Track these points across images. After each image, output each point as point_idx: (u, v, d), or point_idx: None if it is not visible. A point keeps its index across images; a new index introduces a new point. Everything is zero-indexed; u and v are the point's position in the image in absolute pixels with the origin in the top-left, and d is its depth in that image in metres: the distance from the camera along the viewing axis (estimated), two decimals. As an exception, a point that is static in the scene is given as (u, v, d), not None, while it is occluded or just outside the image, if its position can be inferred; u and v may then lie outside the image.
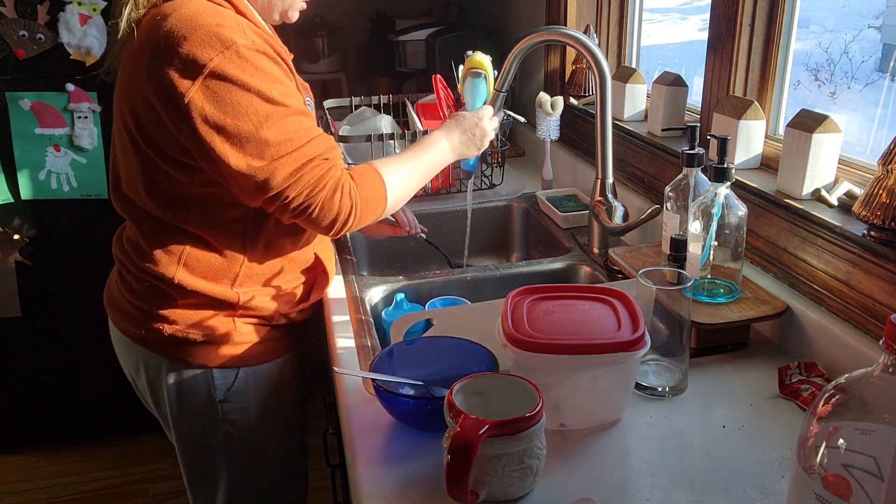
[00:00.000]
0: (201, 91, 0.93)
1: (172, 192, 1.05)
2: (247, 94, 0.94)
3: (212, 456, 1.21)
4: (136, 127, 1.02)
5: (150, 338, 1.13)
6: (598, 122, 1.30)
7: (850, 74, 1.28)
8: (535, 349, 0.83)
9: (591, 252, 1.41)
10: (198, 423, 1.18)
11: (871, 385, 0.57)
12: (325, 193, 1.00)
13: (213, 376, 1.14)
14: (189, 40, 0.93)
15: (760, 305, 1.05)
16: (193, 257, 1.08)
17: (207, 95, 0.93)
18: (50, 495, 2.21)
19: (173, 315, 1.10)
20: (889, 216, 0.92)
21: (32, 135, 2.04)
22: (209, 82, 0.93)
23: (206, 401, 1.16)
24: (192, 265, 1.08)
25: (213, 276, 1.10)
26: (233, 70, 0.93)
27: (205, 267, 1.09)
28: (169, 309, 1.10)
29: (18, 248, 2.15)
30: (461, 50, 2.38)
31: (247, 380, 1.16)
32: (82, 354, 2.31)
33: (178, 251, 1.08)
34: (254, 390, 1.18)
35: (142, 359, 1.17)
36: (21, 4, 1.94)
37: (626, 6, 1.80)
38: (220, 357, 1.13)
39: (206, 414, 1.17)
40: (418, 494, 0.78)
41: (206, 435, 1.19)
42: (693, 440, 0.86)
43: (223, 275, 1.10)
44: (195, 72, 0.93)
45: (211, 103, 0.93)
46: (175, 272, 1.08)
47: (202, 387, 1.15)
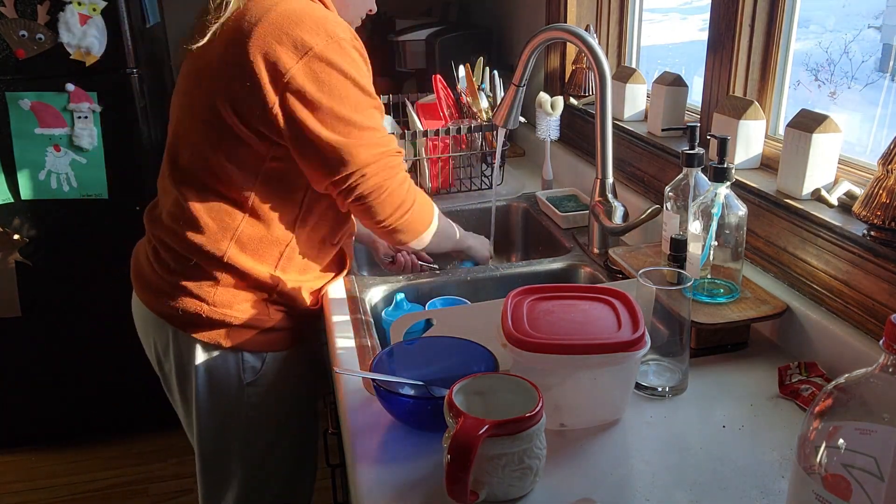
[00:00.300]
0: (303, 69, 1.02)
1: (244, 164, 1.09)
2: (344, 80, 1.04)
3: (232, 440, 1.23)
4: (229, 102, 1.05)
5: (187, 318, 1.14)
6: (598, 122, 1.30)
7: (850, 74, 1.28)
8: (535, 349, 0.83)
9: (591, 252, 1.41)
10: (222, 406, 1.20)
11: (871, 385, 0.57)
12: (398, 180, 1.11)
13: (243, 359, 1.18)
14: (299, 26, 1.02)
15: (760, 305, 1.05)
16: (246, 234, 1.12)
17: (308, 74, 1.02)
18: (50, 495, 2.21)
19: (213, 295, 1.13)
20: (889, 216, 0.92)
21: (32, 135, 2.05)
22: (312, 63, 1.02)
23: (235, 383, 1.19)
24: (244, 242, 1.12)
25: (260, 255, 1.14)
26: (334, 57, 1.03)
27: (255, 245, 1.13)
28: (209, 289, 1.13)
29: (18, 248, 2.15)
30: (461, 50, 2.39)
31: (273, 364, 1.20)
32: (82, 354, 2.31)
33: (232, 227, 1.12)
34: (276, 375, 1.21)
35: (173, 338, 1.18)
36: (21, 4, 1.94)
37: (626, 6, 1.80)
38: (252, 341, 1.17)
39: (233, 396, 1.19)
40: (418, 494, 0.78)
41: (228, 418, 1.21)
42: (693, 440, 0.86)
43: (268, 256, 1.14)
44: (301, 52, 1.01)
45: (311, 82, 1.02)
46: (226, 248, 1.12)
47: (232, 369, 1.18)
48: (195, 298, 1.14)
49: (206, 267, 1.13)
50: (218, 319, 1.14)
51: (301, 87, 1.02)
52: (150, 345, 1.25)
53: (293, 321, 1.22)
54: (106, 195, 2.14)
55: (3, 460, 2.36)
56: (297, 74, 1.01)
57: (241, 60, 1.03)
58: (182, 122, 1.14)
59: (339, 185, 1.08)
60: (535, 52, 1.32)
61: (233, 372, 1.18)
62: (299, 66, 1.01)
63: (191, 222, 1.12)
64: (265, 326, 1.18)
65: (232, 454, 1.24)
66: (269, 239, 1.14)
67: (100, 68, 2.03)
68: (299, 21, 1.02)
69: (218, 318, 1.14)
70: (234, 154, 1.09)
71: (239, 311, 1.15)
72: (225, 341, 1.16)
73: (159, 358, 1.25)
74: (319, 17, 1.04)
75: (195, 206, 1.12)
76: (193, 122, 1.12)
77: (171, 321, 1.17)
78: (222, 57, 1.05)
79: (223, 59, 1.05)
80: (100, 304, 2.26)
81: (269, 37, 1.02)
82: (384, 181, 1.09)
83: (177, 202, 1.14)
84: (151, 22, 2.32)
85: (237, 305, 1.15)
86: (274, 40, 1.01)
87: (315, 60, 1.02)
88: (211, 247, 1.12)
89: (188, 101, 1.13)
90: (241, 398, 1.20)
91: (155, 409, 2.39)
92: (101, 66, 2.03)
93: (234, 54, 1.04)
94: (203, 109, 1.09)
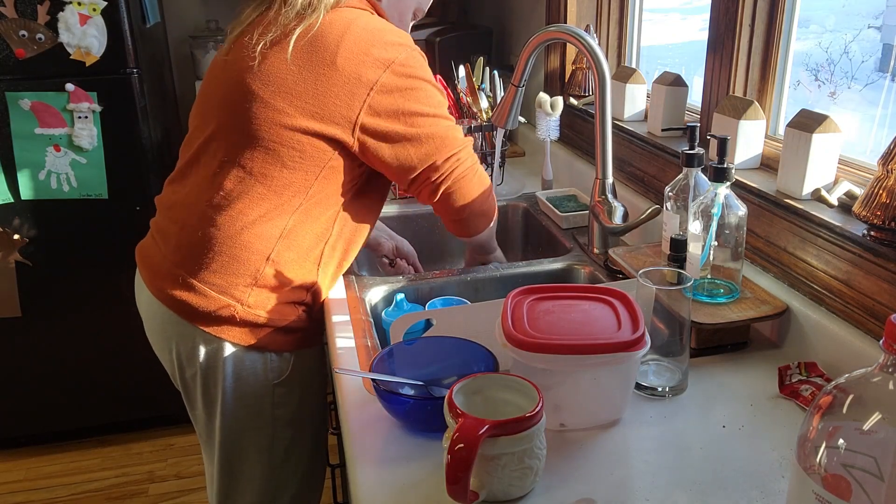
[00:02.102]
0: (390, 76, 1.09)
1: (306, 163, 1.11)
2: (425, 83, 1.13)
3: (254, 440, 1.23)
4: (298, 111, 1.08)
5: (219, 319, 1.14)
6: (597, 122, 1.30)
7: (850, 74, 1.28)
8: (535, 349, 0.83)
9: (591, 252, 1.41)
10: (249, 406, 1.20)
11: (871, 385, 0.57)
12: (479, 167, 1.24)
13: (270, 359, 1.19)
14: (380, 39, 1.09)
15: (760, 305, 1.05)
16: (294, 232, 1.14)
17: (394, 80, 1.09)
18: (50, 495, 2.21)
19: (247, 297, 1.14)
20: (889, 216, 0.92)
21: (32, 135, 2.05)
22: (396, 71, 1.09)
23: (262, 384, 1.19)
24: (292, 238, 1.14)
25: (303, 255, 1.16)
26: (414, 64, 1.12)
27: (301, 242, 1.15)
28: (245, 290, 1.14)
29: (18, 248, 2.15)
30: (461, 50, 2.39)
31: (297, 364, 1.22)
32: (82, 354, 2.31)
33: (281, 226, 1.13)
34: (300, 374, 1.23)
35: (201, 341, 1.17)
36: (21, 4, 1.94)
37: (626, 6, 1.80)
38: (281, 341, 1.18)
39: (259, 396, 1.20)
40: (418, 494, 0.78)
41: (254, 418, 1.21)
42: (693, 440, 0.86)
43: (310, 255, 1.17)
44: (384, 63, 1.08)
45: (397, 87, 1.10)
46: (273, 246, 1.13)
47: (260, 369, 1.18)
48: (230, 298, 1.13)
49: (248, 266, 1.13)
50: (250, 320, 1.15)
51: (387, 91, 1.08)
52: (170, 347, 1.21)
53: (311, 320, 1.23)
54: (106, 195, 2.14)
55: (3, 460, 2.36)
56: (384, 81, 1.08)
57: (326, 71, 1.06)
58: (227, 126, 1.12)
59: (433, 172, 1.16)
60: (534, 52, 1.32)
61: (260, 372, 1.18)
62: (387, 74, 1.08)
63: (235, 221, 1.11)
64: (290, 325, 1.18)
65: (253, 455, 1.24)
66: (314, 234, 1.16)
67: (100, 68, 2.03)
68: (378, 35, 1.09)
69: (251, 318, 1.14)
70: (296, 151, 1.10)
71: (270, 312, 1.16)
72: (253, 341, 1.16)
73: (181, 361, 1.21)
74: (394, 31, 1.13)
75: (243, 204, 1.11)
76: (248, 129, 1.09)
77: (200, 323, 1.15)
78: (303, 66, 1.07)
79: (302, 66, 1.07)
80: (100, 303, 2.26)
81: (355, 50, 1.07)
82: (475, 162, 1.21)
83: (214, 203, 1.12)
84: (151, 22, 2.32)
85: (271, 307, 1.15)
86: (367, 49, 1.07)
87: (398, 68, 1.09)
88: (257, 246, 1.12)
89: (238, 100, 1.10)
90: (266, 398, 1.20)
91: (155, 409, 2.40)
92: (101, 66, 2.03)
93: (317, 65, 1.06)
94: (264, 119, 1.08)
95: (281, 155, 1.10)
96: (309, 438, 1.30)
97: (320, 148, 1.10)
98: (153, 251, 1.22)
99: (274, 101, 1.07)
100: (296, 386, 1.23)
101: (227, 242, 1.12)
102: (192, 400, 1.26)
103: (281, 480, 1.27)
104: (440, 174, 1.17)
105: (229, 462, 1.25)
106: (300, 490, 1.30)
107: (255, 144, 1.10)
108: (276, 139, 1.09)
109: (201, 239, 1.13)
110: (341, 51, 1.06)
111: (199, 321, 1.15)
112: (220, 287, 1.13)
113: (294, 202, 1.13)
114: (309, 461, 1.32)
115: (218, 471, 1.26)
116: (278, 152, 1.09)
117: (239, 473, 1.26)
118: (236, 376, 1.18)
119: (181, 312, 1.16)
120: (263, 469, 1.25)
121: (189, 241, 1.15)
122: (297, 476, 1.29)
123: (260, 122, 1.08)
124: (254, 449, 1.24)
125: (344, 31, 1.08)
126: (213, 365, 1.17)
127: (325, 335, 1.29)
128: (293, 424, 1.25)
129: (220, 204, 1.12)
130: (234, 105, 1.10)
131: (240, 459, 1.24)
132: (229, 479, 1.26)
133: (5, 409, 2.33)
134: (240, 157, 1.11)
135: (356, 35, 1.08)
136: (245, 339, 1.16)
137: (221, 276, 1.13)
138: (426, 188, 1.19)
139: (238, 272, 1.13)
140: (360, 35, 1.08)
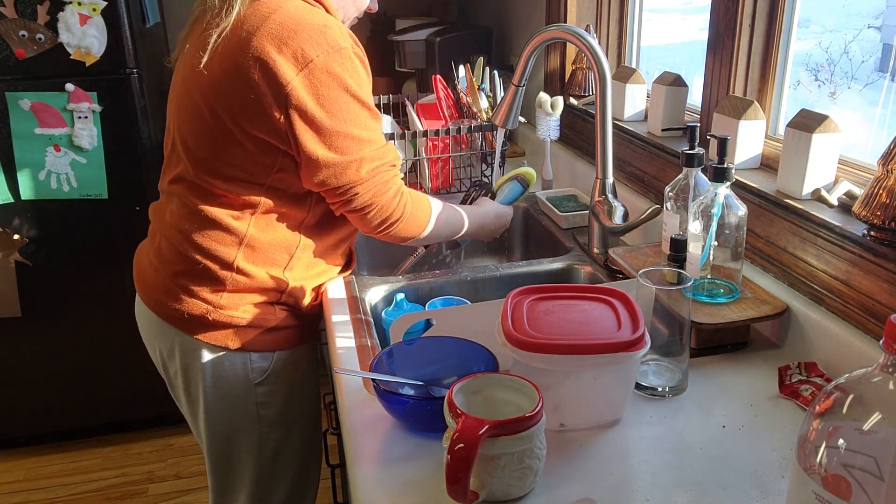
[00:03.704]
0: (303, 83, 1.01)
1: (250, 175, 1.09)
2: (345, 94, 1.03)
3: (242, 441, 1.23)
4: (229, 113, 1.05)
5: (192, 321, 1.14)
6: (597, 122, 1.30)
7: (850, 74, 1.28)
8: (535, 349, 0.83)
9: (591, 252, 1.41)
10: (232, 407, 1.20)
11: (871, 385, 0.57)
12: (389, 196, 1.12)
13: (251, 359, 1.18)
14: (298, 36, 1.01)
15: (760, 305, 1.05)
16: (255, 239, 1.12)
17: (308, 87, 1.01)
18: (50, 495, 2.21)
19: (220, 299, 1.13)
20: (889, 216, 0.92)
21: (32, 135, 2.05)
22: (312, 76, 1.01)
23: (243, 384, 1.18)
24: (254, 246, 1.12)
25: (270, 259, 1.14)
26: (335, 68, 1.02)
27: (264, 251, 1.13)
28: (216, 292, 1.13)
29: (18, 248, 2.15)
30: (461, 50, 2.39)
31: (281, 363, 1.20)
32: (82, 354, 2.31)
33: (241, 234, 1.12)
34: (284, 374, 1.22)
35: (178, 342, 1.18)
36: (21, 4, 1.94)
37: (626, 6, 1.80)
38: (259, 341, 1.17)
39: (241, 397, 1.19)
40: (418, 494, 0.78)
41: (238, 419, 1.21)
42: (693, 440, 0.86)
43: (278, 259, 1.15)
44: (301, 64, 1.00)
45: (310, 95, 1.01)
46: (236, 255, 1.12)
47: (240, 370, 1.18)
48: (201, 301, 1.14)
49: (215, 271, 1.13)
50: (224, 321, 1.14)
51: (300, 101, 1.01)
52: (155, 349, 1.25)
53: (298, 319, 1.22)
54: (106, 195, 2.14)
55: (3, 460, 2.36)
56: (297, 88, 1.01)
57: (242, 70, 1.02)
58: (182, 128, 1.13)
59: (331, 196, 1.11)
60: (534, 52, 1.32)
61: (240, 373, 1.18)
62: (299, 78, 1.01)
63: (199, 228, 1.12)
64: (271, 326, 1.18)
65: (242, 455, 1.24)
66: (278, 243, 1.14)
67: (100, 68, 2.04)
68: (298, 29, 1.01)
69: (224, 320, 1.14)
70: (239, 163, 1.08)
71: (245, 312, 1.15)
72: (231, 342, 1.16)
73: (164, 363, 1.24)
74: (319, 25, 1.02)
75: (203, 212, 1.11)
76: (194, 129, 1.11)
77: (176, 324, 1.16)
78: (221, 65, 1.04)
79: (222, 66, 1.04)
80: (100, 303, 2.26)
81: (269, 45, 1.00)
82: (374, 197, 1.11)
83: (184, 207, 1.14)
84: (151, 22, 2.32)
85: (243, 307, 1.15)
86: (274, 49, 1.00)
87: (315, 73, 1.01)
88: (221, 253, 1.12)
89: (188, 108, 1.11)
90: (250, 398, 1.20)
91: (155, 409, 2.40)
92: (101, 66, 2.03)
93: (233, 63, 1.03)
94: (205, 117, 1.08)
95: (227, 160, 1.08)
96: (300, 438, 1.29)
97: (263, 149, 1.07)
98: (144, 252, 1.25)
99: (206, 108, 1.07)
100: (281, 386, 1.22)
101: (190, 249, 1.13)
102: (179, 400, 1.28)
103: (273, 480, 1.27)
104: (336, 199, 1.11)
105: (220, 461, 1.26)
106: (293, 489, 1.30)
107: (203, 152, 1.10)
108: (218, 145, 1.08)
109: (171, 243, 1.16)
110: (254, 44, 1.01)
111: (175, 323, 1.16)
112: (191, 290, 1.14)
113: (249, 208, 1.12)
114: (301, 461, 1.31)
115: (210, 470, 1.27)
116: (224, 158, 1.08)
117: (230, 472, 1.26)
118: (216, 377, 1.18)
119: (160, 314, 1.18)
120: (253, 468, 1.25)
121: (161, 245, 1.18)
122: (289, 476, 1.29)
123: (202, 131, 1.09)
124: (242, 448, 1.24)
125: (260, 24, 1.02)
126: (192, 365, 1.18)
127: (320, 334, 1.29)
128: (281, 424, 1.24)
129: (181, 211, 1.14)
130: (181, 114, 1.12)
131: (229, 459, 1.25)
132: (222, 478, 1.27)
133: (5, 409, 2.32)
134: (193, 166, 1.11)
135: (275, 23, 1.01)
136: (221, 341, 1.16)
137: (190, 279, 1.14)
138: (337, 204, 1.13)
139: (205, 275, 1.13)
140: (279, 23, 1.01)
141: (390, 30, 2.68)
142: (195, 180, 1.12)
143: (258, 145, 1.07)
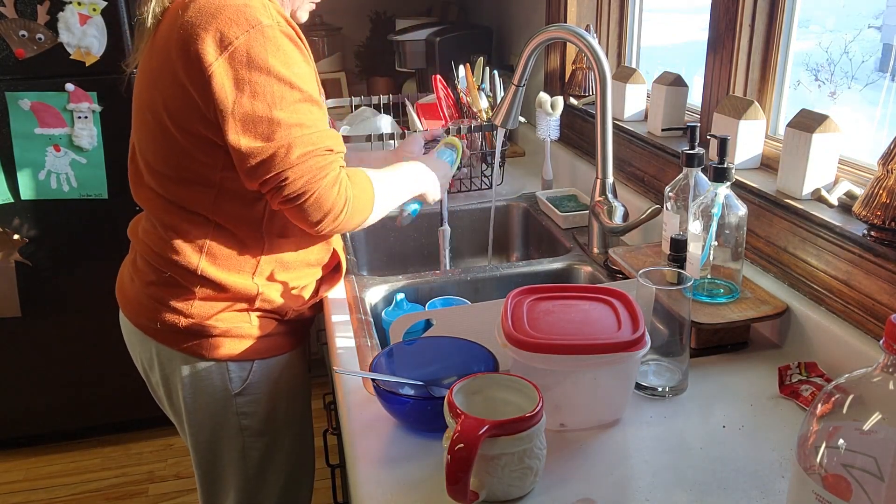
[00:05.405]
0: (223, 66, 0.95)
1: (197, 176, 1.06)
2: (265, 75, 0.96)
3: (226, 450, 1.21)
4: (165, 110, 1.02)
5: (166, 331, 1.13)
6: (598, 122, 1.30)
7: (850, 74, 1.28)
8: (535, 349, 0.83)
9: (591, 252, 1.41)
10: (212, 417, 1.18)
11: (871, 385, 0.57)
12: (325, 184, 1.00)
13: (228, 369, 1.15)
14: (217, 18, 0.95)
15: (760, 305, 1.05)
16: (216, 246, 1.09)
17: (227, 71, 0.95)
18: (50, 495, 2.21)
19: (190, 308, 1.11)
20: (889, 216, 0.92)
21: (32, 135, 2.04)
22: (232, 59, 0.95)
23: (222, 394, 1.16)
24: (215, 253, 1.09)
25: (235, 265, 1.11)
26: (256, 49, 0.96)
27: (227, 257, 1.10)
28: (186, 301, 1.11)
29: (18, 248, 2.15)
30: (461, 50, 2.39)
31: (261, 372, 1.18)
32: (82, 354, 2.31)
33: (200, 241, 1.09)
34: (267, 383, 1.19)
35: (156, 352, 1.17)
36: (21, 4, 1.94)
37: (626, 6, 1.80)
38: (236, 350, 1.14)
39: (221, 407, 1.17)
40: (418, 494, 0.78)
41: (220, 429, 1.19)
42: (693, 440, 0.86)
43: (244, 265, 1.11)
44: (220, 48, 0.95)
45: (230, 79, 0.96)
46: (198, 262, 1.09)
47: (217, 380, 1.15)
48: (173, 312, 1.11)
49: (182, 280, 1.10)
50: (196, 331, 1.12)
51: (220, 87, 0.96)
52: (137, 360, 1.24)
53: (281, 326, 1.19)
54: (105, 195, 2.14)
55: (3, 460, 2.36)
56: (217, 73, 0.95)
57: (170, 61, 0.99)
58: (135, 133, 1.11)
59: (265, 187, 1.01)
60: (535, 51, 1.32)
61: (218, 383, 1.15)
62: (219, 63, 0.95)
63: (161, 237, 1.10)
64: (248, 335, 1.14)
65: (227, 464, 1.22)
66: (240, 248, 1.10)
67: (100, 68, 2.03)
68: (217, 12, 0.96)
69: (197, 329, 1.11)
70: (185, 164, 1.05)
71: (218, 321, 1.12)
72: (207, 352, 1.13)
73: (147, 373, 1.23)
74: (239, 5, 0.96)
75: (163, 220, 1.10)
76: (144, 134, 1.09)
77: (153, 335, 1.15)
78: (157, 59, 1.01)
79: (158, 60, 1.01)
80: (100, 303, 2.25)
81: (191, 31, 0.96)
82: (308, 184, 0.99)
83: (148, 216, 1.13)
84: (151, 22, 2.31)
85: (216, 316, 1.12)
86: (194, 39, 0.95)
87: (234, 56, 0.95)
88: (184, 261, 1.09)
89: (137, 113, 1.09)
90: (230, 409, 1.17)
91: (155, 409, 2.39)
92: (101, 66, 2.03)
93: (165, 55, 1.00)
94: (147, 119, 1.05)
95: (173, 162, 1.06)
96: (288, 447, 1.26)
97: (200, 146, 1.03)
98: (125, 265, 1.25)
99: (149, 109, 1.05)
100: (263, 395, 1.19)
101: (156, 258, 1.12)
102: (164, 409, 1.27)
103: (260, 488, 1.25)
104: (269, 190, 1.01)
105: (206, 470, 1.25)
106: (282, 498, 1.28)
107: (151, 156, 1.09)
108: (163, 147, 1.06)
109: (142, 254, 1.15)
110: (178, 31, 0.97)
111: (152, 334, 1.15)
112: (162, 300, 1.12)
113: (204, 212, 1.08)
114: (290, 469, 1.28)
115: (198, 478, 1.27)
116: (170, 160, 1.06)
117: (217, 480, 1.25)
118: (194, 387, 1.16)
119: (138, 325, 1.17)
120: (239, 478, 1.23)
121: (136, 257, 1.18)
122: (278, 484, 1.26)
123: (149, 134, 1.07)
124: (227, 458, 1.22)
125: (185, 8, 0.98)
126: (170, 376, 1.17)
127: (310, 340, 1.27)
128: (265, 434, 1.21)
129: (146, 221, 1.14)
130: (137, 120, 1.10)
131: (215, 468, 1.24)
132: (210, 486, 1.26)
133: (5, 409, 2.32)
134: (149, 174, 1.11)
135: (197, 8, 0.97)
136: (195, 350, 1.13)
137: (158, 288, 1.12)
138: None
139: (171, 284, 1.11)
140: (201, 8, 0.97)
141: (390, 30, 2.68)
142: (153, 186, 1.10)
143: (195, 142, 1.02)
